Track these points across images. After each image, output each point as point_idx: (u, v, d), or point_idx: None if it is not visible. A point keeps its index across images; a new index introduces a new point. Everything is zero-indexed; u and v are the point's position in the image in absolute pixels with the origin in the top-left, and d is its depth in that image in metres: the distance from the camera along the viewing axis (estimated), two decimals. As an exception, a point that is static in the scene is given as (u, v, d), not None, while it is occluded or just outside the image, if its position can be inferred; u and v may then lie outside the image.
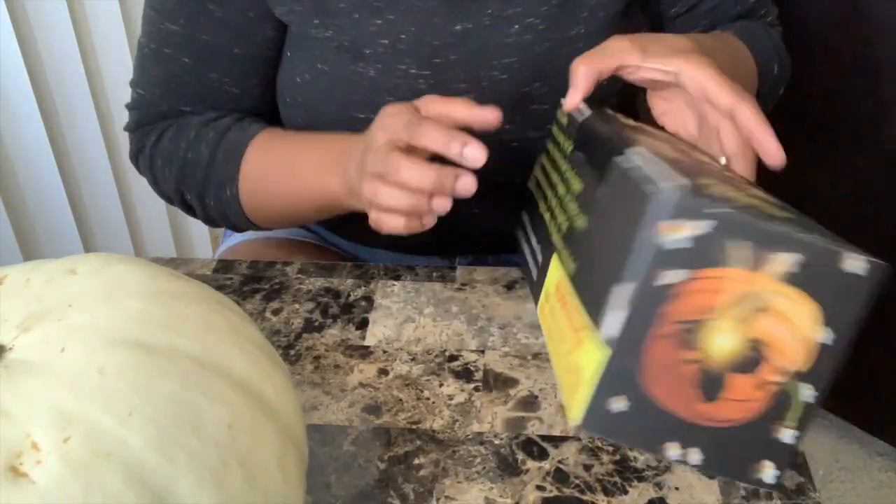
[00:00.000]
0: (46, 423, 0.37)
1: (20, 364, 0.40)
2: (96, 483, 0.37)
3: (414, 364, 0.68)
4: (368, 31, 0.75)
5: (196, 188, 0.81)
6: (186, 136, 0.80)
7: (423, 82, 0.77)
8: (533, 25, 0.77)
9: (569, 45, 0.78)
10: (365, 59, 0.76)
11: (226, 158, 0.78)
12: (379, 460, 0.60)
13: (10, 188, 1.51)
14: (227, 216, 0.82)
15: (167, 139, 0.82)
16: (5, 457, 0.36)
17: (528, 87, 0.79)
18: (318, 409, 0.64)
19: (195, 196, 0.81)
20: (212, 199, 0.81)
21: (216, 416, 0.41)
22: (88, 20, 1.46)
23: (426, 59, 0.77)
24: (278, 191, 0.77)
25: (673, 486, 0.58)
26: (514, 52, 0.77)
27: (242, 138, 0.79)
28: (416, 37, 0.76)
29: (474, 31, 0.76)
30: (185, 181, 0.81)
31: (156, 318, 0.43)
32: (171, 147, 0.81)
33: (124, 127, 0.86)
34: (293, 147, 0.77)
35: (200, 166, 0.79)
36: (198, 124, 0.81)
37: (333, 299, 0.75)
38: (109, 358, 0.40)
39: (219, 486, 0.40)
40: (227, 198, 0.79)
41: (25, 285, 0.44)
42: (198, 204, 0.82)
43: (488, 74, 0.78)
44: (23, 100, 1.43)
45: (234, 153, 0.78)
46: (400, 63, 0.76)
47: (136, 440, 0.38)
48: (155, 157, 0.83)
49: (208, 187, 0.80)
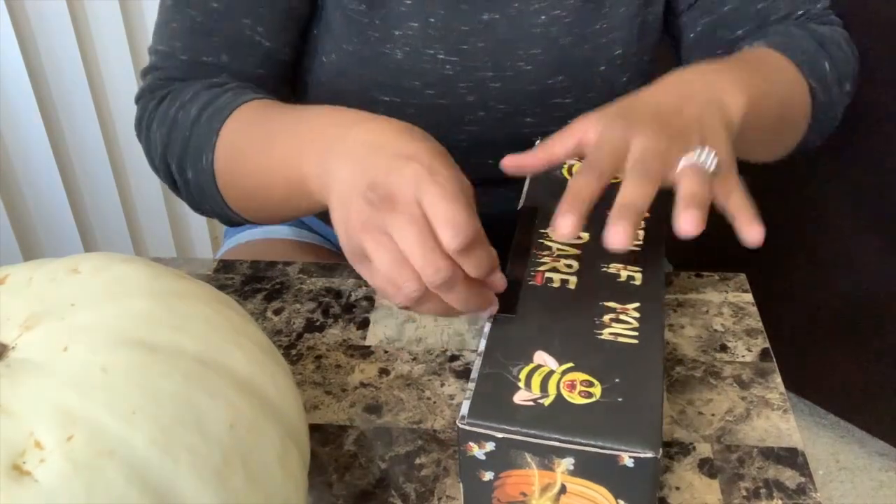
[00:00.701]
0: (49, 421, 0.37)
1: (23, 363, 0.40)
2: (99, 481, 0.37)
3: (415, 364, 0.68)
4: (399, 10, 0.75)
5: (178, 153, 0.73)
6: (183, 96, 0.73)
7: (450, 68, 0.77)
8: (559, 18, 0.77)
9: (592, 39, 0.78)
10: (393, 41, 0.76)
11: (208, 120, 0.70)
12: (380, 460, 0.60)
13: (10, 188, 1.51)
14: (203, 192, 0.73)
15: (167, 100, 0.75)
16: (8, 455, 0.36)
17: (551, 80, 0.79)
18: (320, 408, 0.64)
19: (176, 165, 0.73)
20: (190, 170, 0.72)
21: (218, 415, 0.41)
22: (88, 20, 1.46)
23: (454, 45, 0.77)
24: (251, 165, 0.67)
25: (674, 485, 0.58)
26: (540, 44, 0.78)
27: (232, 102, 0.70)
28: (446, 20, 0.75)
29: (501, 20, 0.77)
30: (169, 146, 0.73)
31: (158, 318, 0.43)
32: (167, 107, 0.74)
33: (135, 96, 0.79)
34: (279, 118, 0.66)
35: (185, 127, 0.72)
36: (200, 86, 0.73)
37: (335, 299, 0.75)
38: (112, 357, 0.40)
39: (221, 485, 0.40)
40: (201, 168, 0.71)
41: (28, 284, 0.44)
42: (179, 175, 0.74)
43: (514, 64, 0.78)
44: (23, 100, 1.43)
45: (218, 116, 0.70)
46: (428, 48, 0.76)
47: (139, 439, 0.38)
48: (152, 120, 0.76)
49: (187, 152, 0.72)
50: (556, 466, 0.46)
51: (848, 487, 1.53)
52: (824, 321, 1.54)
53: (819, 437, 1.62)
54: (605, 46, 0.79)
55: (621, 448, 0.45)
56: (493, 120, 0.80)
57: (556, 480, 0.46)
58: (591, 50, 0.78)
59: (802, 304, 1.53)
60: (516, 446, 0.46)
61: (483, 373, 0.49)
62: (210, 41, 0.75)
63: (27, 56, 1.41)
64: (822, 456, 1.58)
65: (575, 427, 0.46)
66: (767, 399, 0.64)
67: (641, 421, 0.46)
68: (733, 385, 0.65)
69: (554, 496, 0.47)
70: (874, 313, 1.47)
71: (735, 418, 0.63)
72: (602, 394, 0.47)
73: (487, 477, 0.48)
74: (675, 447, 0.61)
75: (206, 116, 0.70)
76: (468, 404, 0.47)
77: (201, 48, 0.75)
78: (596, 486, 0.46)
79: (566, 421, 0.46)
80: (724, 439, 0.61)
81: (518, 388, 0.48)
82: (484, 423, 0.46)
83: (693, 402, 0.64)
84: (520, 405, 0.47)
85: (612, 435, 0.45)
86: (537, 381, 0.48)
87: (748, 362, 0.67)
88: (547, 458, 0.46)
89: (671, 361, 0.67)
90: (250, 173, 0.67)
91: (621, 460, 0.45)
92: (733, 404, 0.64)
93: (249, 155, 0.67)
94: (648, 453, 0.44)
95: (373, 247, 0.50)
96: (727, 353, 0.68)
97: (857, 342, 1.51)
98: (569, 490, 0.47)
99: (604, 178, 0.51)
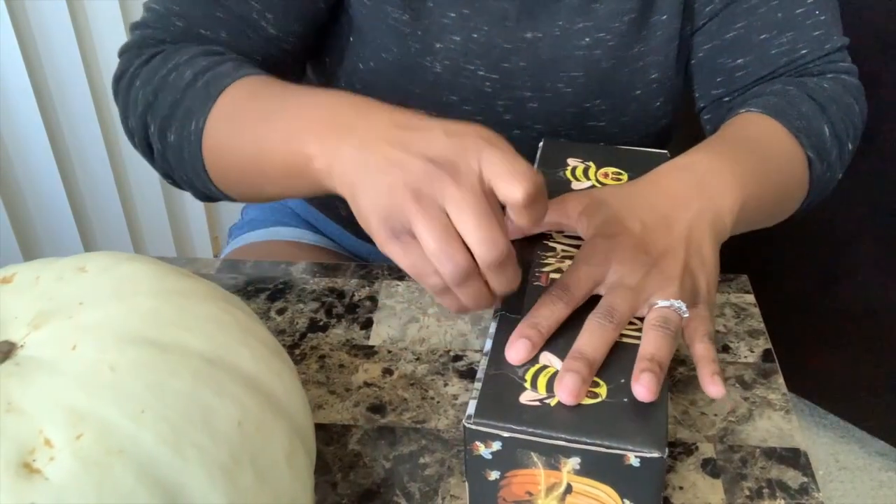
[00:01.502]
0: (59, 420, 0.38)
1: (32, 361, 0.40)
2: (108, 480, 0.37)
3: (418, 364, 0.68)
4: (442, 22, 0.74)
5: (162, 114, 0.67)
6: (177, 58, 0.68)
7: (489, 86, 0.76)
8: (603, 40, 0.76)
9: (631, 63, 0.77)
10: (434, 53, 0.74)
11: (205, 85, 0.65)
12: (384, 459, 0.60)
13: (10, 188, 1.51)
14: (182, 159, 0.67)
15: (158, 59, 0.69)
16: (18, 453, 0.36)
17: (588, 104, 0.78)
18: (324, 408, 0.64)
19: (157, 126, 0.68)
20: (173, 133, 0.67)
21: (226, 414, 0.41)
22: (88, 20, 1.46)
23: (495, 63, 0.75)
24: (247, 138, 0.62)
25: (677, 485, 0.58)
26: (582, 66, 0.76)
27: (234, 72, 0.65)
28: (488, 37, 0.74)
29: (544, 40, 0.75)
30: (154, 105, 0.68)
31: (166, 316, 0.43)
32: (157, 66, 0.69)
33: (119, 49, 0.73)
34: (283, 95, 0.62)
35: (177, 89, 0.66)
36: (197, 51, 0.68)
37: (338, 299, 0.75)
38: (121, 355, 0.40)
39: (229, 483, 0.40)
40: (188, 132, 0.65)
41: (35, 283, 0.45)
42: (158, 138, 0.68)
43: (554, 86, 0.77)
44: (23, 100, 1.43)
45: (217, 83, 0.65)
46: (469, 63, 0.75)
47: (148, 437, 0.38)
48: (136, 77, 0.70)
49: (175, 114, 0.66)
50: (563, 466, 0.46)
51: (848, 487, 1.54)
52: (824, 321, 1.54)
53: (819, 437, 1.62)
54: (641, 70, 0.77)
55: (627, 448, 0.45)
56: (528, 139, 0.78)
57: (562, 480, 0.47)
58: (629, 74, 0.77)
59: (803, 304, 1.53)
60: (522, 446, 0.46)
61: (489, 373, 0.49)
62: (213, 14, 0.70)
63: (27, 56, 1.41)
64: (822, 456, 1.59)
65: (581, 427, 0.46)
66: (770, 399, 0.64)
67: (647, 421, 0.46)
68: (736, 386, 0.66)
69: (560, 496, 0.48)
70: (874, 313, 1.47)
71: (738, 419, 0.63)
72: (608, 394, 0.48)
73: (493, 476, 0.48)
74: (678, 447, 0.61)
75: (202, 81, 0.65)
76: (475, 404, 0.47)
77: (201, 20, 0.70)
78: (602, 485, 0.46)
79: (572, 421, 0.46)
80: (726, 439, 0.61)
81: (524, 388, 0.48)
82: (490, 423, 0.46)
83: (696, 402, 0.64)
84: (526, 405, 0.47)
85: (618, 435, 0.45)
86: (543, 382, 0.48)
87: (750, 363, 0.67)
88: (553, 457, 0.46)
89: (674, 362, 0.67)
90: (244, 147, 0.62)
91: (627, 460, 0.45)
92: (736, 405, 0.64)
93: (247, 128, 0.62)
94: (654, 453, 0.45)
95: (423, 218, 0.46)
96: (729, 353, 0.68)
97: (857, 342, 1.51)
98: (575, 489, 0.47)
99: (573, 304, 0.52)
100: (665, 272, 0.53)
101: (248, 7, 0.70)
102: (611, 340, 0.50)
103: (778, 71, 0.76)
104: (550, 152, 0.68)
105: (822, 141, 0.72)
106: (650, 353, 0.49)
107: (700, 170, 0.60)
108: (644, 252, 0.54)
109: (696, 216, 0.56)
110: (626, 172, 0.65)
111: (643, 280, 0.52)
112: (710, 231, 0.56)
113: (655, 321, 0.51)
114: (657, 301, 0.52)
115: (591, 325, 0.50)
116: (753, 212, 0.62)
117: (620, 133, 0.80)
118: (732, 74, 0.77)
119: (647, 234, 0.55)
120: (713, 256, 0.56)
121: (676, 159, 0.61)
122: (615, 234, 0.55)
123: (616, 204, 0.57)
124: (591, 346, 0.49)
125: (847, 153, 0.76)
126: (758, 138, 0.69)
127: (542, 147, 0.69)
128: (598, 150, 0.69)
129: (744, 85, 0.77)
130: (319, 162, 0.53)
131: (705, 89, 0.80)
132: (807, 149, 0.70)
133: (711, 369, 0.51)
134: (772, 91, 0.75)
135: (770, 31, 0.75)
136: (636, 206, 0.57)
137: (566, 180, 0.65)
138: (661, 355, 0.49)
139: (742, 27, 0.76)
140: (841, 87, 0.76)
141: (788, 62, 0.76)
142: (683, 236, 0.55)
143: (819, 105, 0.73)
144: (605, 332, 0.50)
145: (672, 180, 0.59)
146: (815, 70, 0.77)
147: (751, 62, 0.76)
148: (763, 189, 0.63)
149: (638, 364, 0.48)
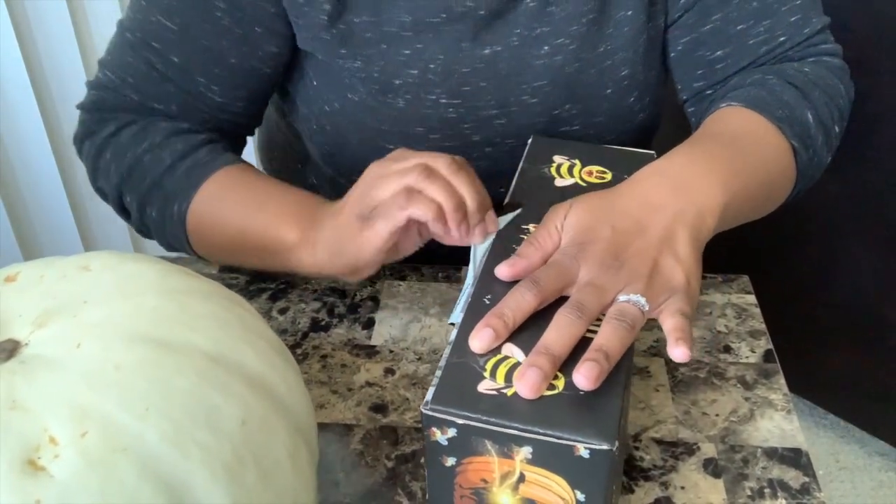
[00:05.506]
0: (64, 417, 0.38)
1: (36, 359, 0.40)
2: (113, 477, 0.37)
3: (420, 363, 0.68)
4: (397, 60, 0.74)
5: (140, 193, 0.74)
6: (151, 138, 0.74)
7: (452, 111, 0.76)
8: (563, 46, 0.75)
9: (597, 63, 0.76)
10: (394, 90, 0.75)
11: (187, 173, 0.73)
12: (386, 458, 0.60)
13: (10, 188, 1.51)
14: (164, 232, 0.75)
15: (127, 134, 0.75)
16: (23, 451, 0.36)
17: (558, 110, 0.78)
18: (326, 407, 0.64)
19: (136, 201, 0.75)
20: (154, 210, 0.74)
21: (230, 412, 0.41)
22: (88, 20, 1.46)
23: (456, 88, 0.76)
24: (232, 222, 0.71)
25: (679, 485, 0.59)
26: (545, 75, 0.76)
27: (215, 160, 0.73)
28: (445, 65, 0.74)
29: (503, 53, 0.75)
30: (130, 182, 0.74)
31: (170, 315, 0.43)
32: (128, 143, 0.75)
33: (78, 104, 0.78)
34: (266, 187, 0.73)
35: (155, 172, 0.73)
36: (168, 131, 0.75)
37: (339, 299, 0.75)
38: (125, 354, 0.40)
39: (233, 481, 0.40)
40: (171, 213, 0.73)
41: (39, 282, 0.45)
42: (136, 210, 0.75)
43: (518, 99, 0.77)
44: (23, 99, 1.43)
45: (200, 171, 0.73)
46: (429, 94, 0.75)
47: (152, 435, 0.38)
48: (105, 148, 0.76)
49: (154, 196, 0.73)
50: (515, 455, 0.47)
51: (848, 487, 1.54)
52: (824, 321, 1.54)
53: (819, 437, 1.62)
54: (610, 69, 0.77)
55: (577, 439, 0.45)
56: (500, 153, 0.79)
57: (515, 469, 0.48)
58: (597, 74, 0.77)
59: (803, 304, 1.53)
60: (477, 433, 0.47)
61: (451, 361, 0.50)
62: (163, 89, 0.75)
63: (27, 56, 1.41)
64: (823, 456, 1.59)
65: (534, 417, 0.46)
66: (771, 400, 0.65)
67: (599, 414, 0.47)
68: (737, 386, 0.66)
69: (513, 484, 0.48)
70: (874, 313, 1.48)
71: (739, 419, 0.63)
72: (565, 386, 0.48)
73: (450, 462, 0.49)
74: (679, 447, 0.61)
75: (183, 168, 0.73)
76: (433, 391, 0.48)
77: (153, 95, 0.75)
78: (553, 475, 0.47)
79: (526, 411, 0.47)
80: (728, 439, 0.62)
81: (483, 377, 0.49)
82: (446, 409, 0.47)
83: (697, 402, 0.64)
84: (483, 394, 0.48)
85: (569, 426, 0.46)
86: (502, 372, 0.49)
87: (752, 363, 0.68)
88: (506, 446, 0.47)
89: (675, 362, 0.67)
90: (226, 234, 0.72)
91: (577, 451, 0.46)
92: (737, 405, 0.64)
93: (229, 219, 0.72)
94: (604, 445, 0.45)
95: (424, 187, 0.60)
96: (731, 354, 0.68)
97: (857, 342, 1.51)
98: (527, 479, 0.48)
99: (542, 297, 0.52)
100: (633, 271, 0.54)
101: (194, 83, 0.75)
102: (577, 336, 0.51)
103: (758, 60, 0.76)
104: (538, 149, 0.68)
105: (806, 128, 0.71)
106: (599, 344, 0.49)
107: (678, 172, 0.60)
108: (613, 255, 0.55)
109: (672, 218, 0.57)
110: (610, 171, 0.65)
111: (612, 279, 0.53)
112: (687, 230, 0.57)
113: (612, 314, 0.52)
114: (619, 297, 0.53)
115: (558, 321, 0.51)
116: (740, 207, 0.63)
117: (597, 133, 0.79)
118: (713, 66, 0.77)
119: (618, 237, 0.56)
120: (691, 253, 0.56)
121: (656, 163, 0.62)
122: (587, 241, 0.56)
123: (591, 212, 0.58)
124: (558, 342, 0.50)
125: (834, 136, 0.75)
126: (739, 133, 0.69)
127: (531, 143, 0.69)
128: (587, 148, 0.69)
129: (725, 76, 0.77)
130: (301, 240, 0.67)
131: (687, 83, 0.79)
132: (790, 138, 0.70)
133: (677, 336, 0.51)
134: (752, 81, 0.74)
135: (747, 21, 0.75)
136: (610, 213, 0.57)
137: (550, 177, 0.65)
138: (609, 346, 0.49)
139: (718, 19, 0.76)
140: (824, 70, 0.76)
141: (768, 51, 0.76)
142: (656, 237, 0.56)
143: (800, 91, 0.72)
144: (573, 328, 0.50)
145: (648, 185, 0.59)
146: (796, 55, 0.76)
147: (730, 53, 0.76)
148: (747, 183, 0.63)
149: (586, 354, 0.49)
